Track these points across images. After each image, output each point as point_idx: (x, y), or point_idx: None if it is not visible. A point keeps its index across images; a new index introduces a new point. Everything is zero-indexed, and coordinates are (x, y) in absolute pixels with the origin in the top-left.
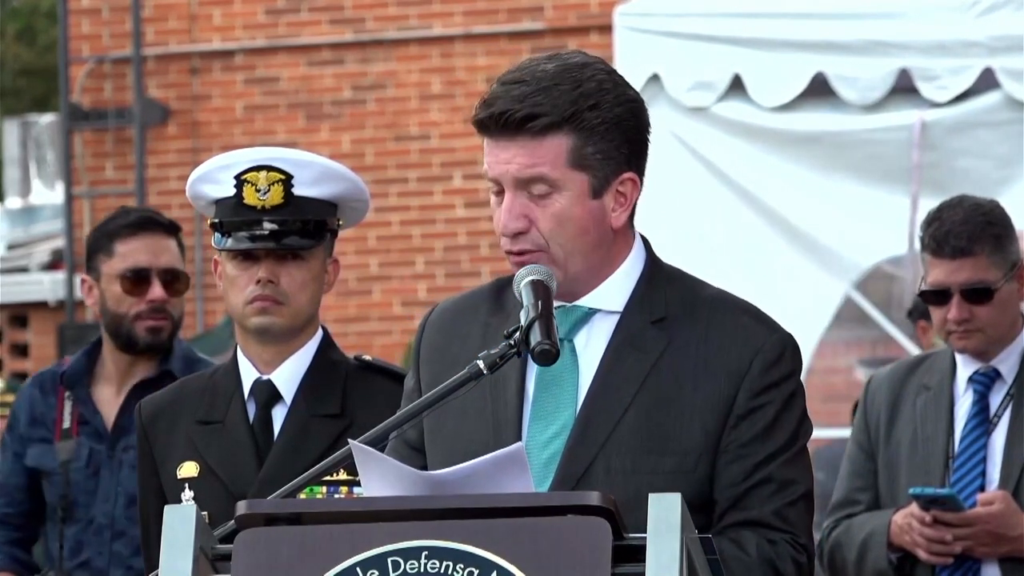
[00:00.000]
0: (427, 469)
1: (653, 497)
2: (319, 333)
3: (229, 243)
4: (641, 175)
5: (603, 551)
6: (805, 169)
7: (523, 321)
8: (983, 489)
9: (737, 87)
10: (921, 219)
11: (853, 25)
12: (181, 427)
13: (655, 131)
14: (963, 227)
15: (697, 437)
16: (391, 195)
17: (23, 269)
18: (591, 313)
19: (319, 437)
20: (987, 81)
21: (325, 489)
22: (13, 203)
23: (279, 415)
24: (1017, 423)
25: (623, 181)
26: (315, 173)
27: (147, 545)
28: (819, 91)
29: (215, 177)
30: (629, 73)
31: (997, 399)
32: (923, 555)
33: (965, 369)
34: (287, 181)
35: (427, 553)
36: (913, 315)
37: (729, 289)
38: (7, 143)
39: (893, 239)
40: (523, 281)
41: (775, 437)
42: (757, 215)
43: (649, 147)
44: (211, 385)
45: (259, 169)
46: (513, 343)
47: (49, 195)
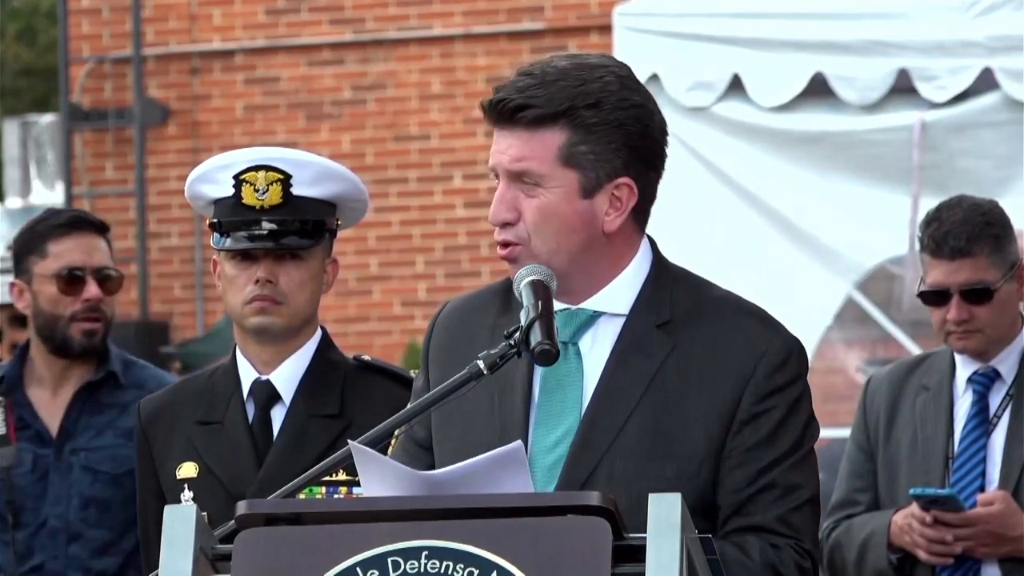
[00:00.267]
0: (435, 468)
1: (653, 497)
2: (318, 333)
3: (228, 243)
4: (644, 181)
5: (603, 551)
6: (805, 169)
7: (523, 321)
8: (983, 489)
9: (736, 87)
10: (921, 219)
11: (852, 25)
12: (180, 428)
13: None
14: (962, 227)
15: (701, 443)
16: (391, 195)
17: None
18: (596, 316)
19: (318, 437)
20: (986, 81)
21: (324, 489)
22: (13, 203)
23: (278, 415)
24: (1017, 423)
25: (619, 186)
26: (314, 173)
27: (147, 545)
28: (818, 91)
29: (214, 177)
30: None
31: (997, 399)
32: (923, 555)
33: (964, 369)
34: (286, 181)
35: (427, 553)
36: None
37: (729, 290)
38: (7, 143)
39: (894, 239)
40: (523, 281)
41: (779, 442)
42: (757, 215)
43: (661, 154)
44: (210, 385)
45: (258, 169)
46: (513, 343)
47: (49, 195)
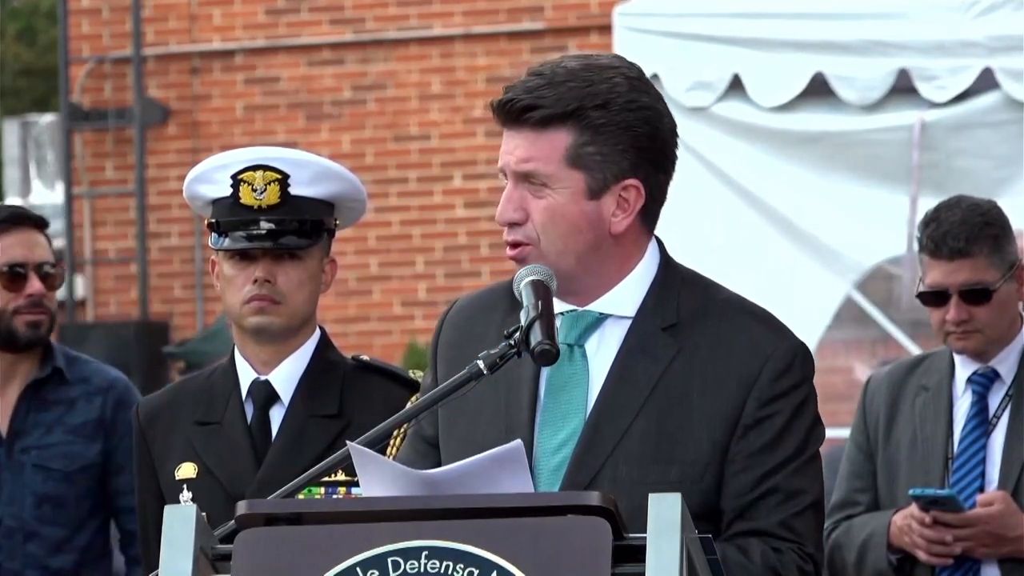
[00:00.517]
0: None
1: (653, 497)
2: (316, 333)
3: (226, 243)
4: (652, 183)
5: (603, 551)
6: (805, 169)
7: (523, 321)
8: (982, 490)
9: (736, 87)
10: (920, 220)
11: (852, 25)
12: (179, 428)
13: None
14: (961, 228)
15: (705, 447)
16: (391, 195)
17: None
18: (602, 318)
19: (317, 438)
20: (986, 81)
21: (323, 490)
22: (13, 203)
23: (277, 416)
24: (1016, 423)
25: (626, 187)
26: (312, 173)
27: (147, 545)
28: (818, 91)
29: (212, 177)
30: None
31: (996, 399)
32: (923, 556)
33: (964, 370)
34: (283, 181)
35: (427, 553)
36: None
37: (736, 292)
38: (7, 143)
39: (893, 239)
40: (523, 281)
41: (783, 447)
42: (757, 215)
43: (671, 156)
44: (209, 386)
45: (255, 169)
46: (513, 343)
47: (49, 195)
